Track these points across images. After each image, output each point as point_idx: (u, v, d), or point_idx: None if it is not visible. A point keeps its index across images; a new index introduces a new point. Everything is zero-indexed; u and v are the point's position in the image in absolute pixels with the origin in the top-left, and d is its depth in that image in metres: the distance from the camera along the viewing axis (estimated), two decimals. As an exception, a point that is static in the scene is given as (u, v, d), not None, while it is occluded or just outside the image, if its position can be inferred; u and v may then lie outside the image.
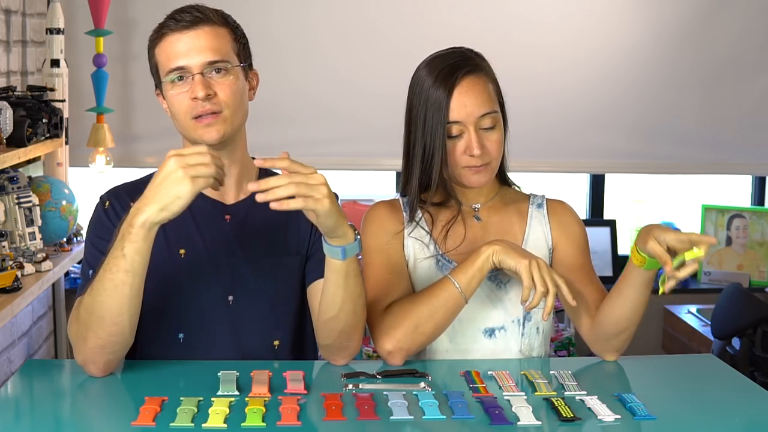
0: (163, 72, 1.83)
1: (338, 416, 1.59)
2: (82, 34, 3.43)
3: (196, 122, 1.80)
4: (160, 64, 1.84)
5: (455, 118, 1.89)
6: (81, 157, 3.45)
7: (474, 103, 1.89)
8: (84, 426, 1.62)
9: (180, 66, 1.80)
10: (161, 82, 1.85)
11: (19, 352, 3.05)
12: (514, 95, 3.98)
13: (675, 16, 3.80)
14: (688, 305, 3.83)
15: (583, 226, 2.07)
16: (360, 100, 3.58)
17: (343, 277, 1.72)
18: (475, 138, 1.89)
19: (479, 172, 1.92)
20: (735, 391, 1.82)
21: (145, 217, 1.61)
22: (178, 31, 1.81)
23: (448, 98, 1.88)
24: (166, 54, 1.82)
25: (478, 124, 1.90)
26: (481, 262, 1.84)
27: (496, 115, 1.92)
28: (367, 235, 1.99)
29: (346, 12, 3.65)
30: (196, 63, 1.80)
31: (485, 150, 1.90)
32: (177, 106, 1.82)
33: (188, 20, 1.81)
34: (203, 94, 1.78)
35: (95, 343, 1.70)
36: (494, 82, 1.96)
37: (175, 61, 1.80)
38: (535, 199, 2.06)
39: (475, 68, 1.92)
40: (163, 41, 1.82)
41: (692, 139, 3.90)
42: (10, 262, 2.56)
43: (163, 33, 1.82)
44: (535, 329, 1.98)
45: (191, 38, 1.81)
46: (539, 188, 2.14)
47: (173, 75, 1.81)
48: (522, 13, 3.74)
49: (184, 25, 1.81)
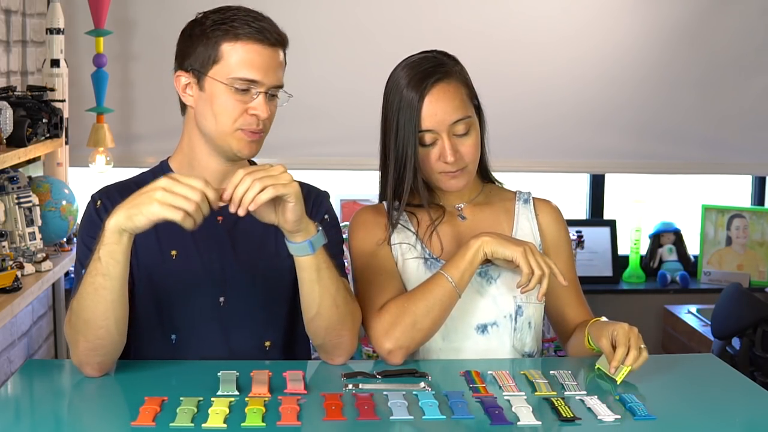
0: (228, 72, 1.78)
1: (338, 416, 1.59)
2: (82, 34, 3.42)
3: (241, 133, 1.80)
4: (224, 62, 1.78)
5: (427, 126, 1.89)
6: (81, 157, 3.45)
7: (445, 111, 1.89)
8: (84, 426, 1.62)
9: (255, 79, 1.78)
10: (204, 74, 1.79)
11: (19, 352, 3.05)
12: (513, 94, 4.00)
13: (675, 16, 3.80)
14: (688, 305, 3.83)
15: (568, 232, 2.11)
16: (357, 100, 3.57)
17: (316, 272, 1.73)
18: (448, 145, 1.89)
19: (456, 177, 1.93)
20: (735, 391, 1.82)
21: (114, 221, 1.61)
22: (260, 44, 1.79)
23: (419, 106, 1.89)
24: (243, 60, 1.78)
25: (451, 130, 1.90)
26: (472, 255, 1.86)
27: (469, 120, 1.92)
28: (354, 239, 2.00)
29: (346, 11, 3.65)
30: (269, 83, 1.80)
31: (459, 156, 1.91)
32: (226, 109, 1.78)
33: (274, 38, 1.80)
34: (266, 115, 1.80)
35: (85, 346, 1.70)
36: (467, 85, 1.96)
37: (253, 72, 1.78)
38: (522, 195, 2.07)
39: (445, 75, 1.92)
40: (241, 43, 1.78)
41: (692, 139, 3.89)
42: (10, 262, 2.56)
43: (239, 35, 1.78)
44: (527, 324, 1.98)
45: (271, 57, 1.80)
46: (539, 188, 2.15)
47: (242, 83, 1.78)
48: (521, 11, 3.74)
49: (270, 42, 1.79)
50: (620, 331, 1.81)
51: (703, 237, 4.03)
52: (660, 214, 4.17)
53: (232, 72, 1.78)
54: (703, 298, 3.88)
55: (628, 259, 4.01)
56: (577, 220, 3.94)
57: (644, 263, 4.03)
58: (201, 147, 1.86)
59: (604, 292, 3.88)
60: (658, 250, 4.04)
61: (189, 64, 1.82)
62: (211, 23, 1.80)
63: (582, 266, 3.84)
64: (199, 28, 1.82)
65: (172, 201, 1.57)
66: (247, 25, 1.78)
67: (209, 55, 1.79)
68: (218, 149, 1.83)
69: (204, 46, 1.80)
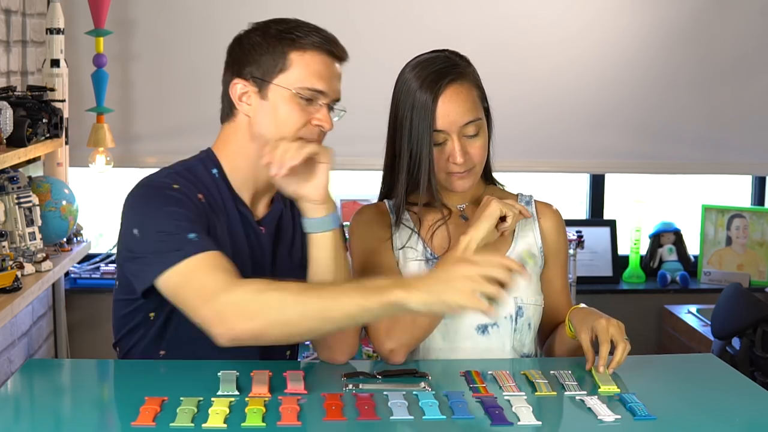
0: (295, 82, 1.77)
1: (338, 416, 1.59)
2: (82, 34, 3.42)
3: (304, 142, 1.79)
4: (292, 70, 1.77)
5: (439, 126, 1.89)
6: (81, 157, 3.45)
7: (457, 112, 1.89)
8: (84, 426, 1.61)
9: (322, 90, 1.78)
10: (268, 82, 1.77)
11: (19, 352, 3.06)
12: (513, 94, 4.00)
13: (675, 16, 3.80)
14: (688, 305, 3.83)
15: (567, 238, 2.13)
16: (358, 100, 3.57)
17: (334, 249, 1.78)
18: (458, 146, 1.90)
19: (463, 178, 1.94)
20: (735, 391, 1.82)
21: (416, 300, 1.56)
22: (329, 55, 1.80)
23: (434, 106, 1.89)
24: (311, 69, 1.78)
25: (462, 132, 1.91)
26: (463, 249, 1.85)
27: (479, 122, 1.92)
28: (355, 238, 2.00)
29: (347, 11, 3.65)
30: (333, 96, 1.82)
31: (468, 157, 1.92)
32: (291, 117, 1.78)
33: (341, 52, 1.82)
34: (330, 128, 1.82)
35: (255, 328, 1.62)
36: (479, 87, 1.96)
37: (321, 83, 1.78)
38: (523, 198, 2.08)
39: (459, 76, 1.92)
40: (309, 55, 1.78)
41: (692, 139, 3.89)
42: (10, 262, 2.56)
43: (306, 45, 1.78)
44: (527, 325, 1.99)
45: (337, 70, 1.82)
46: (540, 188, 2.16)
47: (309, 93, 1.78)
48: (521, 12, 3.74)
49: (337, 55, 1.81)
50: (599, 327, 1.84)
51: (703, 237, 4.04)
52: (660, 214, 4.17)
53: (300, 81, 1.77)
54: (703, 298, 3.88)
55: (628, 259, 4.01)
56: (577, 220, 3.94)
57: (644, 263, 4.03)
58: (254, 156, 1.81)
59: (604, 292, 3.88)
60: (658, 250, 4.04)
61: (249, 72, 1.80)
62: (276, 32, 1.79)
63: (582, 266, 3.84)
64: (261, 36, 1.80)
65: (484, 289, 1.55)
66: (311, 33, 1.79)
67: (276, 63, 1.78)
68: None
69: (270, 55, 1.78)
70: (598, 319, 1.86)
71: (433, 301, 1.56)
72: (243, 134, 1.83)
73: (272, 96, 1.78)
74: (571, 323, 1.92)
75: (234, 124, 1.84)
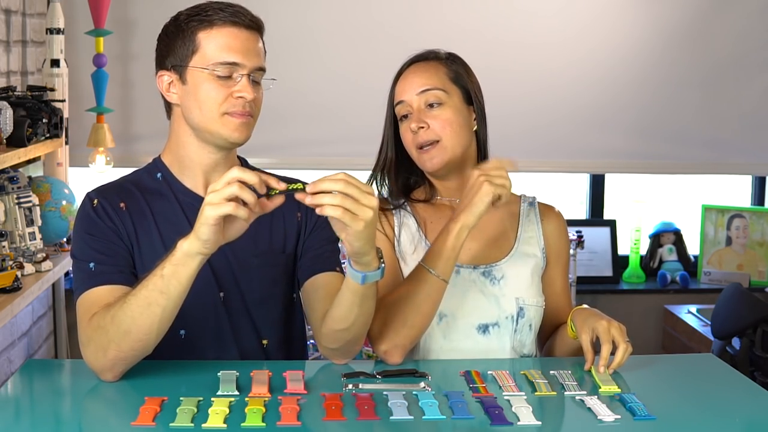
0: (208, 60, 1.78)
1: (338, 416, 1.59)
2: (82, 34, 3.42)
3: (229, 117, 1.79)
4: (202, 50, 1.78)
5: (399, 98, 1.96)
6: (81, 157, 3.45)
7: (415, 82, 1.94)
8: (84, 426, 1.62)
9: (235, 62, 1.78)
10: (185, 66, 1.79)
11: (19, 352, 3.05)
12: (513, 95, 4.00)
13: (676, 16, 3.80)
14: (688, 305, 3.83)
15: (569, 241, 2.14)
16: (360, 99, 3.58)
17: (360, 298, 1.72)
18: (415, 113, 1.93)
19: (428, 152, 1.94)
20: (735, 391, 1.82)
21: (188, 244, 1.60)
22: (236, 27, 1.79)
23: (396, 81, 1.97)
24: (220, 44, 1.78)
25: (420, 100, 1.93)
26: (453, 240, 1.85)
27: (439, 93, 1.93)
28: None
29: (347, 11, 3.65)
30: (250, 65, 1.79)
31: (430, 128, 1.91)
32: (210, 95, 1.78)
33: (247, 22, 1.80)
34: (252, 97, 1.79)
35: (116, 356, 1.69)
36: (454, 72, 1.97)
37: (233, 55, 1.77)
38: (526, 199, 2.09)
39: (427, 58, 1.98)
40: (215, 30, 1.78)
41: (692, 139, 3.90)
42: (10, 262, 2.56)
43: (213, 21, 1.78)
44: (527, 326, 1.99)
45: (248, 40, 1.80)
46: (539, 188, 2.16)
47: (223, 68, 1.77)
48: (522, 12, 3.74)
49: (246, 24, 1.80)
50: (600, 328, 1.84)
51: (703, 237, 4.04)
52: (660, 214, 4.17)
53: (212, 58, 1.78)
54: (703, 298, 3.88)
55: (628, 259, 4.01)
56: (577, 220, 3.95)
57: (644, 263, 4.04)
58: (191, 142, 1.85)
59: (604, 292, 3.88)
60: (658, 250, 4.05)
61: (169, 62, 1.83)
62: (185, 17, 1.82)
63: (582, 266, 3.84)
64: (173, 25, 1.83)
65: (218, 198, 1.56)
66: (220, 11, 1.80)
67: (187, 47, 1.80)
68: (208, 139, 1.82)
69: (181, 41, 1.81)
70: (600, 320, 1.86)
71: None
72: (179, 124, 1.87)
73: (190, 79, 1.80)
74: (573, 323, 1.92)
75: (173, 118, 1.89)
